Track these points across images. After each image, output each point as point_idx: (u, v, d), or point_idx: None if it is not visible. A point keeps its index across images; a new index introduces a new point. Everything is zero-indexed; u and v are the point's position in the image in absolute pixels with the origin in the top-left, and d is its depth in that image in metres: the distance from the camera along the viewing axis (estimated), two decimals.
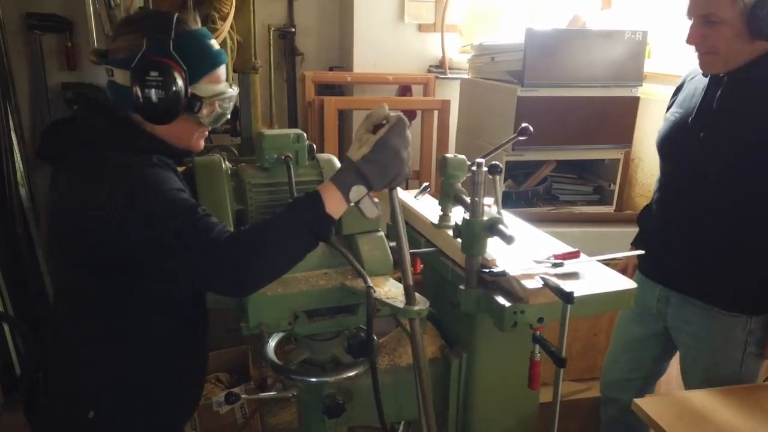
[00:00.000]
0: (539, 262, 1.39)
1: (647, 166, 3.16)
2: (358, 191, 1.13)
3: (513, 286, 1.28)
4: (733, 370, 1.69)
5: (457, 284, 1.40)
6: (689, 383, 1.81)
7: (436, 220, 1.57)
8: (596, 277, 1.38)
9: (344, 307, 1.37)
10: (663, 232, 1.81)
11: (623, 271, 2.07)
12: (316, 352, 1.46)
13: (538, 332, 1.29)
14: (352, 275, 1.35)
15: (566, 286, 1.22)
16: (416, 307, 1.21)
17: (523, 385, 1.33)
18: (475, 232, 1.26)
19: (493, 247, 1.34)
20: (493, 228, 1.25)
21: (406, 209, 1.77)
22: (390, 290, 1.31)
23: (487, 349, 1.48)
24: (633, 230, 2.61)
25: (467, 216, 1.28)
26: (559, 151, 2.83)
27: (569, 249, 1.52)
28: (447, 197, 1.53)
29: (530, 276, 1.28)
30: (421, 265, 1.78)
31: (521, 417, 1.56)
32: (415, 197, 1.85)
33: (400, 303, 1.23)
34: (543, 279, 1.24)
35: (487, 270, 1.30)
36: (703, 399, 1.52)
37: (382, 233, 1.45)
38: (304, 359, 1.48)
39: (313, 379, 1.41)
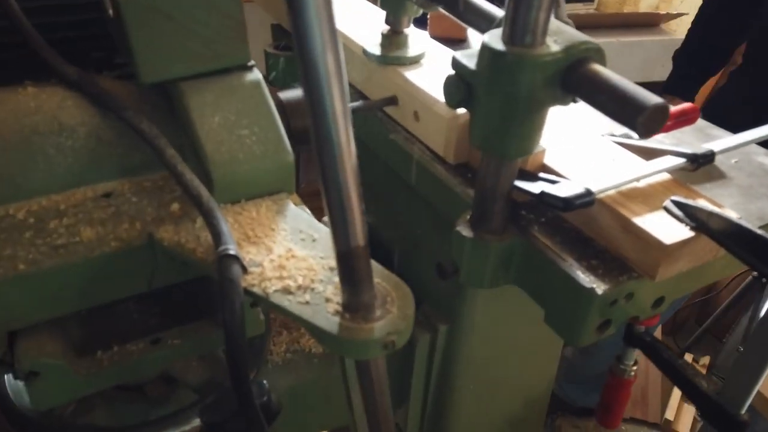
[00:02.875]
0: (620, 141, 0.60)
1: None
2: None
3: (608, 234, 0.49)
4: None
5: (437, 204, 0.60)
6: None
7: (373, 46, 0.69)
8: (743, 169, 0.62)
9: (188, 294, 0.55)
10: None
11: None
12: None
13: (642, 327, 0.54)
14: (184, 202, 0.52)
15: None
16: (375, 331, 0.42)
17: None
18: (521, 94, 0.42)
19: None
20: (578, 78, 0.41)
21: None
22: (292, 255, 0.50)
23: (485, 316, 0.73)
24: (638, 40, 1.81)
25: (495, 41, 0.42)
26: None
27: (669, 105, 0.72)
28: None
29: (642, 195, 0.49)
30: None
31: (522, 413, 0.89)
32: None
33: (329, 306, 0.44)
34: (687, 211, 0.46)
35: (538, 191, 0.48)
36: None
37: (257, 74, 0.58)
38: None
39: None
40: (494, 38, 0.42)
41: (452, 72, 0.46)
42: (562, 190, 0.47)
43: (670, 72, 1.40)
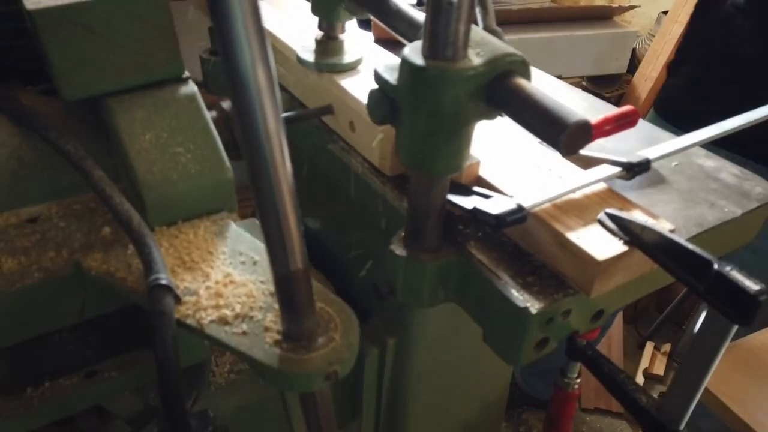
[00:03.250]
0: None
1: None
2: None
3: (544, 249, 0.48)
4: None
5: (372, 214, 0.58)
6: None
7: (306, 52, 0.66)
8: (684, 172, 0.62)
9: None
10: (761, 50, 1.05)
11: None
12: None
13: (583, 341, 0.53)
14: (116, 225, 0.49)
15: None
16: (317, 361, 0.41)
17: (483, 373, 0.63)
18: (445, 110, 0.40)
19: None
20: (502, 93, 0.39)
21: None
22: (231, 280, 0.47)
23: (434, 327, 0.72)
24: (592, 33, 1.78)
25: (414, 55, 0.40)
26: None
27: (604, 105, 0.72)
28: None
29: (577, 208, 0.48)
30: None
31: (479, 418, 0.88)
32: None
33: (268, 335, 0.42)
34: (621, 224, 0.45)
35: (471, 207, 0.47)
36: None
37: (192, 87, 0.55)
38: None
39: None
40: (414, 51, 0.40)
41: (375, 86, 0.44)
42: (495, 206, 0.46)
43: None
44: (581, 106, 0.72)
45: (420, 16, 0.51)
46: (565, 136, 0.35)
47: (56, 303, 0.48)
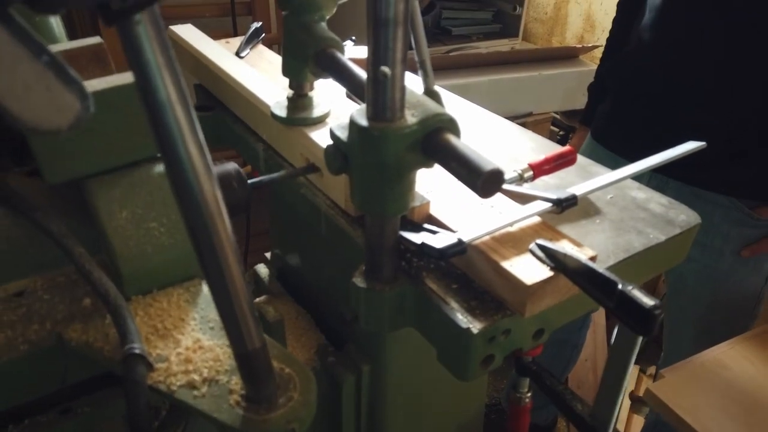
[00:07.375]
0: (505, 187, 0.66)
1: None
2: None
3: (485, 276, 0.55)
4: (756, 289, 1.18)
5: (345, 254, 0.64)
6: (686, 320, 1.29)
7: (279, 108, 0.74)
8: (617, 204, 0.69)
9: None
10: (667, 87, 1.13)
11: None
12: None
13: (529, 357, 0.60)
14: (96, 298, 0.54)
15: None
16: (276, 421, 0.46)
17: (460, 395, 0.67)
18: (388, 162, 0.47)
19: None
20: (433, 146, 0.47)
21: (216, 78, 0.90)
22: (199, 345, 0.53)
23: (405, 352, 0.78)
24: (559, 72, 1.90)
25: (360, 117, 0.48)
26: None
27: (550, 145, 0.80)
28: (299, 55, 0.69)
29: (512, 240, 0.55)
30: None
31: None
32: (238, 53, 0.97)
33: (232, 397, 0.48)
34: (548, 253, 0.52)
35: (419, 242, 0.54)
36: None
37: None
38: None
39: None
40: (360, 114, 0.47)
41: (331, 142, 0.51)
42: (439, 241, 0.53)
43: (585, 104, 1.49)
44: (528, 146, 0.80)
45: None
46: (482, 181, 0.42)
47: (40, 372, 0.52)
